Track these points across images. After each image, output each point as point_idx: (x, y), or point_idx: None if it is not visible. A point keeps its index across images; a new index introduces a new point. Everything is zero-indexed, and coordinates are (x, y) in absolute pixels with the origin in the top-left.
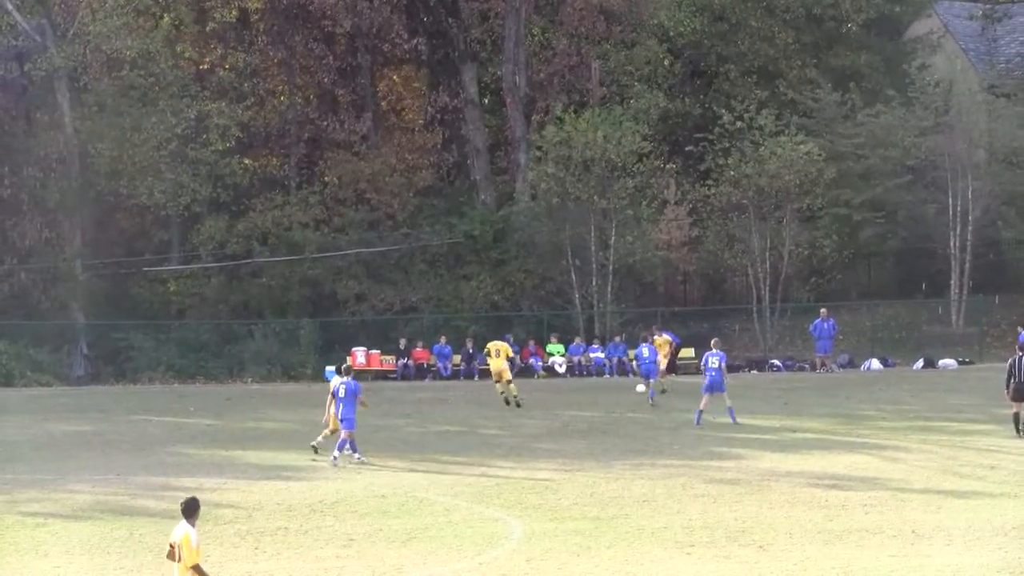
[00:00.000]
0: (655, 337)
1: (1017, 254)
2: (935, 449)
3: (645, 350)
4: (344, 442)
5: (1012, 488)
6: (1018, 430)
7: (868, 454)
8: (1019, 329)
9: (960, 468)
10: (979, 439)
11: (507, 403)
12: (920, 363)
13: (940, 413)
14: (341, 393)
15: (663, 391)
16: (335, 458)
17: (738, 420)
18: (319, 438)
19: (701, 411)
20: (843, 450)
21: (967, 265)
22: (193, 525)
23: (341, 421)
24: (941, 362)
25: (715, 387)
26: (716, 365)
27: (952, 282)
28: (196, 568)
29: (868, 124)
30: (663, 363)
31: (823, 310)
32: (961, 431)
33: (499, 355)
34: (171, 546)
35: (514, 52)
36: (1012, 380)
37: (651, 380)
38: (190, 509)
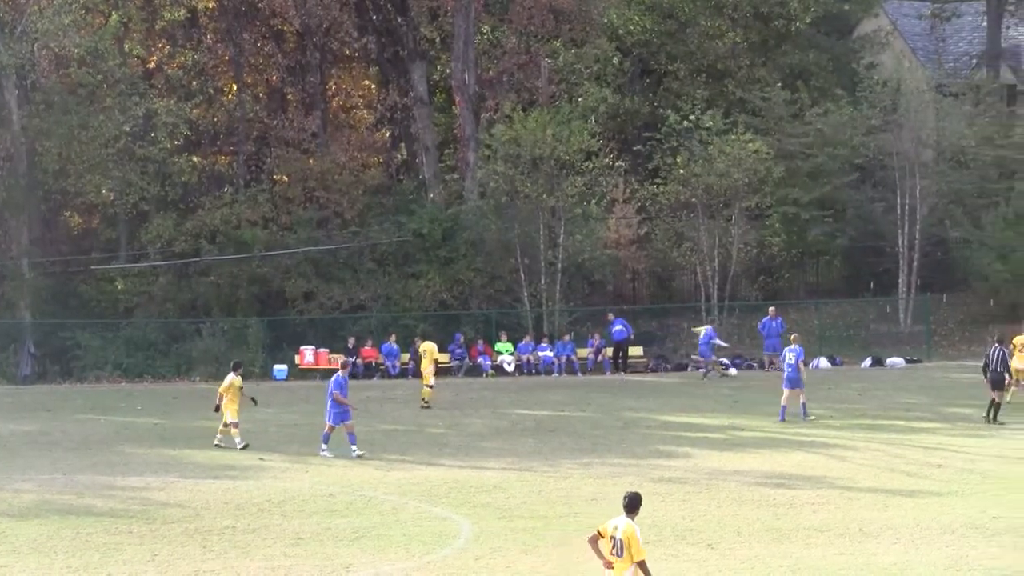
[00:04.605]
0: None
1: (964, 253)
2: (883, 447)
3: None
4: (327, 435)
5: (959, 486)
6: (988, 418)
7: (816, 453)
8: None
9: (907, 466)
10: (926, 437)
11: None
12: (868, 361)
13: (888, 412)
14: (330, 386)
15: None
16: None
17: (809, 416)
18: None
19: (784, 407)
20: (791, 449)
21: (915, 264)
22: (634, 520)
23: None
24: (889, 360)
25: (793, 383)
26: (793, 361)
27: (900, 281)
28: (642, 564)
29: (816, 123)
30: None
31: (771, 308)
32: (909, 429)
33: (426, 355)
34: (598, 534)
35: (464, 50)
36: (988, 370)
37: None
38: (634, 504)
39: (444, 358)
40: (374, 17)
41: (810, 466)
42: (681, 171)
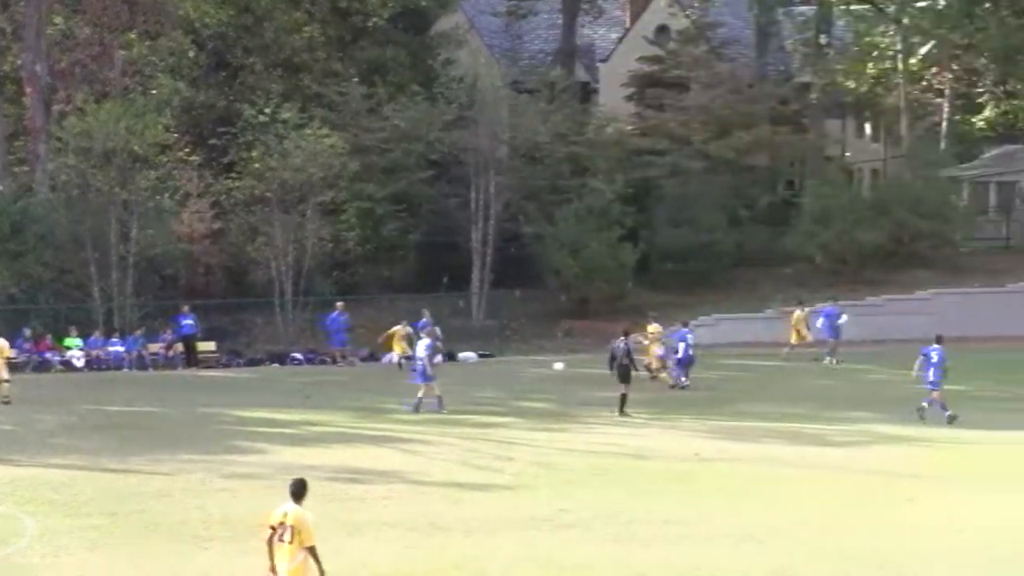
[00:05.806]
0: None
1: (538, 248)
2: (455, 441)
3: None
4: None
5: (528, 480)
6: (621, 412)
7: (389, 447)
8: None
9: (479, 460)
10: (498, 431)
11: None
12: (440, 356)
13: (461, 406)
14: None
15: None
16: None
17: (411, 409)
18: None
19: (430, 398)
20: (364, 443)
21: (488, 259)
22: (301, 506)
23: None
24: (461, 355)
25: (426, 377)
26: (423, 354)
27: (473, 276)
28: (312, 550)
29: (393, 118)
30: None
31: (339, 304)
32: (481, 423)
33: None
34: (272, 528)
35: (35, 40)
36: (615, 364)
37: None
38: (299, 490)
39: (12, 354)
40: None
41: (384, 461)
42: (257, 165)
